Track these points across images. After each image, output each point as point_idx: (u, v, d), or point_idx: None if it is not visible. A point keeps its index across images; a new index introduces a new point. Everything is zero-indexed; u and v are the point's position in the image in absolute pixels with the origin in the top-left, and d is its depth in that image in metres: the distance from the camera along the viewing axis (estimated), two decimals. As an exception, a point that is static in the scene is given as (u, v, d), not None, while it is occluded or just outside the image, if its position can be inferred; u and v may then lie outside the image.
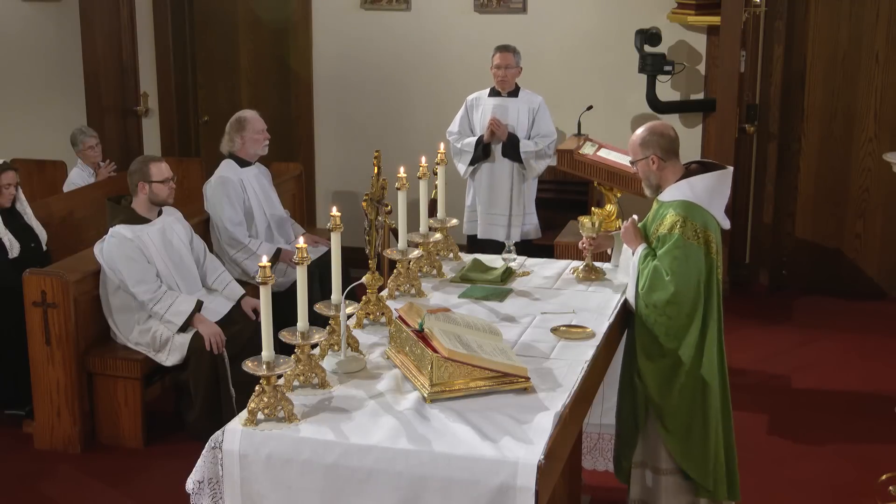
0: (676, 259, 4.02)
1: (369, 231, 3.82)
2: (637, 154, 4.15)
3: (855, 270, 7.62)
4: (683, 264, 4.02)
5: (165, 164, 5.45)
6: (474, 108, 6.76)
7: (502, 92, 6.68)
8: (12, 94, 8.74)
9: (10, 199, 5.73)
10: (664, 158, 4.12)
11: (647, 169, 4.15)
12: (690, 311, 4.05)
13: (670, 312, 4.04)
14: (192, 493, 3.21)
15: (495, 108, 6.63)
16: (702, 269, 4.05)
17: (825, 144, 7.53)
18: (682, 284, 4.02)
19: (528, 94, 6.70)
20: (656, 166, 4.13)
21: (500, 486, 2.95)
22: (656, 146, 4.11)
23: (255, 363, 3.19)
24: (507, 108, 6.64)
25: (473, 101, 6.79)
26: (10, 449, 5.43)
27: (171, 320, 5.28)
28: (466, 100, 6.80)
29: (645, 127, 4.19)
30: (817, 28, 7.39)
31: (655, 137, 4.12)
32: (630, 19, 7.50)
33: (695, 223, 4.05)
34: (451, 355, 3.30)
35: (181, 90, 8.54)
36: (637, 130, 4.19)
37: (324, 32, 8.12)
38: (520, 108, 6.65)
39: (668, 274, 4.02)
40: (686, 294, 4.03)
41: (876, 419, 5.64)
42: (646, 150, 4.12)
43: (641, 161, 4.15)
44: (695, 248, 4.03)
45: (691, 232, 4.04)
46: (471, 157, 6.65)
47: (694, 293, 4.04)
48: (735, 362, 6.30)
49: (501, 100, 6.68)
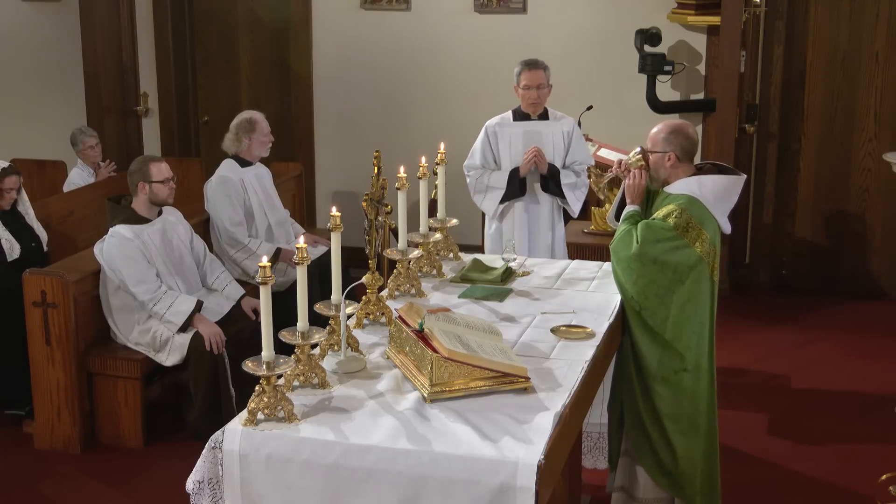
0: (653, 234, 4.06)
1: (369, 231, 3.82)
2: (657, 146, 4.19)
3: (855, 270, 7.62)
4: (656, 245, 4.06)
5: (165, 165, 5.45)
6: (498, 137, 5.65)
7: (532, 115, 5.65)
8: (12, 94, 8.74)
9: (10, 202, 5.73)
10: (680, 159, 4.18)
11: (660, 163, 4.19)
12: (648, 290, 4.09)
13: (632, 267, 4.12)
14: (192, 493, 3.21)
15: (527, 136, 5.60)
16: (679, 260, 4.07)
17: (825, 144, 7.53)
18: (646, 257, 4.07)
19: (558, 116, 5.72)
20: (671, 164, 4.17)
21: (500, 486, 2.95)
22: (678, 146, 4.16)
23: (255, 363, 3.19)
24: (541, 133, 5.62)
25: (496, 128, 5.67)
26: (10, 449, 5.43)
27: (171, 320, 5.29)
28: (486, 127, 5.71)
29: (672, 124, 4.23)
30: (817, 28, 7.40)
31: (680, 139, 4.17)
32: (630, 19, 7.50)
33: (691, 217, 4.07)
34: (451, 355, 3.30)
35: (181, 90, 8.55)
36: (663, 124, 4.24)
37: (324, 32, 8.12)
38: (553, 132, 5.63)
39: (637, 242, 4.09)
40: (647, 268, 4.07)
41: (876, 419, 5.64)
42: (666, 146, 4.17)
43: (658, 154, 4.19)
44: (678, 240, 4.06)
45: (684, 223, 4.07)
46: (502, 194, 5.62)
47: (656, 273, 4.08)
48: (735, 362, 6.31)
49: (532, 125, 5.64)
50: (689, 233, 4.07)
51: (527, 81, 5.56)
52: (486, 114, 7.80)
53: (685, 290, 4.10)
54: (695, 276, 4.10)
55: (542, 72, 5.57)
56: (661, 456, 4.21)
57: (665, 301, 4.10)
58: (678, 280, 4.09)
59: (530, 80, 5.55)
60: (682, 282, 4.09)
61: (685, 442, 4.19)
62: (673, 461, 4.20)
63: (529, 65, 5.58)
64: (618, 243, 4.17)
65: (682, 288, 4.10)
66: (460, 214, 5.24)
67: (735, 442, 5.29)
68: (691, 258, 4.08)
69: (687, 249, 4.07)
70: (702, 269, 4.10)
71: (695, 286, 4.11)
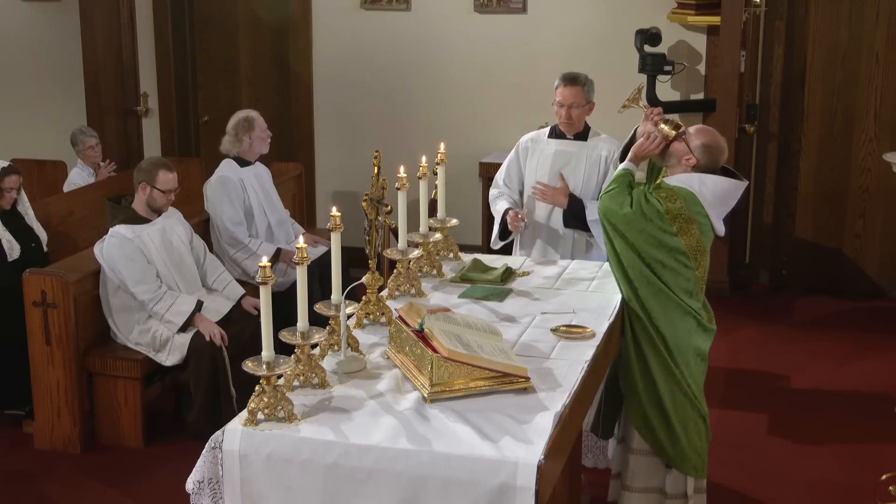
0: (645, 215, 4.07)
1: (369, 231, 3.82)
2: (690, 141, 4.19)
3: (855, 270, 7.62)
4: (646, 221, 4.07)
5: (174, 176, 5.44)
6: (529, 154, 5.18)
7: (567, 134, 5.13)
8: (12, 94, 8.74)
9: (10, 201, 5.73)
10: (698, 166, 4.18)
11: (680, 154, 4.20)
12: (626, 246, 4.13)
13: (611, 220, 4.14)
14: (192, 493, 3.21)
15: (557, 156, 5.08)
16: (658, 237, 4.08)
17: (825, 144, 7.53)
18: (635, 221, 4.08)
19: (600, 136, 5.14)
20: (690, 165, 4.19)
21: (500, 486, 2.95)
22: (707, 157, 4.18)
23: (255, 363, 3.19)
24: (571, 156, 5.08)
25: (529, 143, 5.20)
26: (10, 449, 5.43)
27: (172, 320, 5.29)
28: (520, 142, 5.23)
29: (718, 142, 4.20)
30: (817, 28, 7.40)
31: (713, 157, 4.18)
32: (630, 19, 7.51)
33: (683, 206, 4.08)
34: (451, 355, 3.30)
35: (181, 90, 8.55)
36: (712, 132, 4.23)
37: (324, 32, 8.13)
38: (589, 155, 5.07)
39: (631, 206, 4.09)
40: (633, 227, 4.09)
41: (876, 419, 5.64)
42: (696, 151, 4.18)
43: (685, 148, 4.19)
44: (667, 225, 4.07)
45: (676, 211, 4.08)
46: (498, 230, 5.16)
47: (635, 237, 4.10)
48: (735, 362, 6.32)
49: (564, 144, 5.10)
50: (677, 222, 4.08)
51: (560, 98, 5.04)
52: (486, 113, 7.88)
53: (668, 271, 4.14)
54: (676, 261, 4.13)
55: (580, 89, 5.02)
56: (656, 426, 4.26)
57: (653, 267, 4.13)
58: (663, 251, 4.11)
59: (563, 98, 5.02)
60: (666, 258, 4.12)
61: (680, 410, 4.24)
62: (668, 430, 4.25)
63: (566, 80, 5.04)
64: (610, 200, 4.15)
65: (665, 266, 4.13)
66: (460, 214, 5.25)
67: (735, 442, 5.29)
68: (678, 245, 4.10)
69: (674, 238, 4.09)
70: (682, 260, 4.12)
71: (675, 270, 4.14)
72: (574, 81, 5.02)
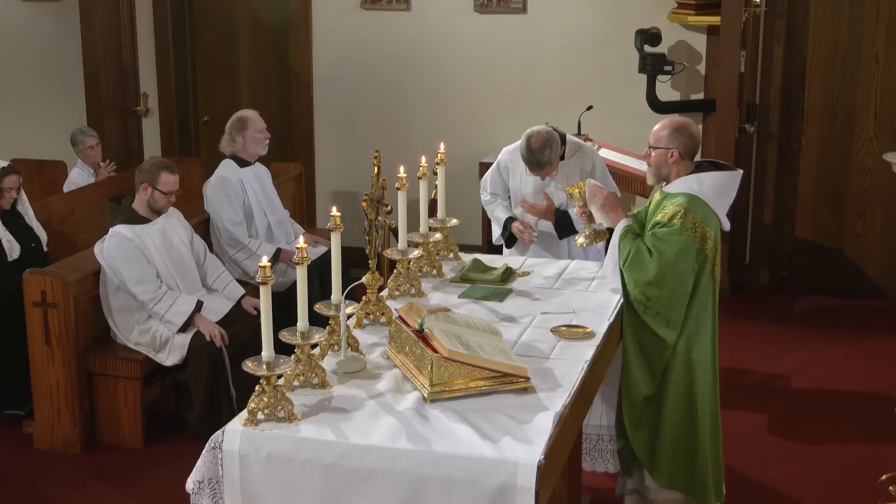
0: (668, 245, 4.05)
1: (369, 231, 3.82)
2: (660, 142, 4.18)
3: (855, 270, 7.62)
4: (673, 251, 4.05)
5: (176, 178, 5.44)
6: (510, 173, 5.27)
7: None
8: (12, 93, 8.74)
9: (10, 201, 5.73)
10: (683, 156, 4.17)
11: (662, 159, 4.19)
12: (672, 300, 4.06)
13: (650, 293, 4.07)
14: (192, 493, 3.21)
15: (537, 178, 5.13)
16: (693, 263, 4.07)
17: (825, 144, 7.53)
18: (667, 269, 4.04)
19: (579, 149, 5.19)
20: (673, 160, 4.17)
21: (500, 486, 2.95)
22: (682, 144, 4.16)
23: (255, 363, 3.19)
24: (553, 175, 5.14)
25: (509, 162, 5.26)
26: (10, 449, 5.43)
27: (172, 320, 5.29)
28: (500, 159, 5.30)
29: (677, 122, 4.22)
30: (817, 28, 7.39)
31: (685, 138, 4.16)
32: (630, 19, 7.50)
33: (696, 216, 4.07)
34: (451, 355, 3.30)
35: (181, 90, 8.54)
36: (667, 120, 4.23)
37: (324, 32, 8.12)
38: (568, 174, 5.13)
39: (652, 254, 4.06)
40: (669, 280, 4.05)
41: (876, 419, 5.64)
42: (670, 143, 4.16)
43: (661, 150, 4.18)
44: (690, 240, 4.06)
45: (690, 224, 4.06)
46: (501, 232, 5.34)
47: (678, 282, 4.06)
48: (735, 362, 6.31)
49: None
50: (696, 232, 4.08)
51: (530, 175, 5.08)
52: (486, 113, 7.89)
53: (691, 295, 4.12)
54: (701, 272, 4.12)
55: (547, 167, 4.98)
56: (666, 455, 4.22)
57: (673, 305, 4.09)
58: (687, 287, 4.09)
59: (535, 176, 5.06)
60: (699, 282, 4.11)
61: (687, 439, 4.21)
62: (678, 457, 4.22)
63: (531, 165, 4.99)
64: (631, 265, 4.11)
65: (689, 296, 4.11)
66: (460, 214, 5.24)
67: (735, 442, 5.29)
68: (701, 257, 4.09)
69: (695, 247, 4.08)
70: (706, 267, 4.12)
71: (698, 282, 4.12)
72: (539, 165, 4.98)
